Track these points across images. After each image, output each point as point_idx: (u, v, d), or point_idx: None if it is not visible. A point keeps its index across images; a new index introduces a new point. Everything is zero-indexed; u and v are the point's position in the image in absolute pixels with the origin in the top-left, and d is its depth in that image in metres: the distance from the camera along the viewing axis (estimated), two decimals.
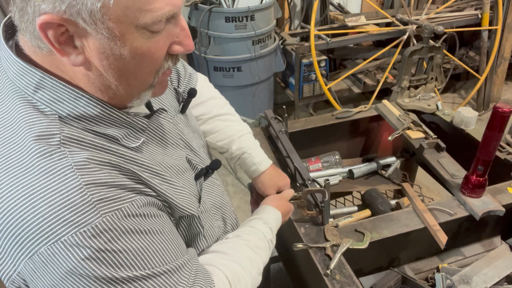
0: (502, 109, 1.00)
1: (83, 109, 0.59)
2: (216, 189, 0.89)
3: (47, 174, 0.53)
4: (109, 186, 0.56)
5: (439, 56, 1.64)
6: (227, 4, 2.72)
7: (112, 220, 0.55)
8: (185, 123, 0.87)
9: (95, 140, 0.59)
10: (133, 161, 0.62)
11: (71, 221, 0.52)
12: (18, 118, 0.57)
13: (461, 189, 1.17)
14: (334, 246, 1.03)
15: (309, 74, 3.02)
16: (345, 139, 1.69)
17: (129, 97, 0.64)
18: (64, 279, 0.55)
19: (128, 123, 0.64)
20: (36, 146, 0.54)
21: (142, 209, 0.60)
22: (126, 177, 0.60)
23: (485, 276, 1.10)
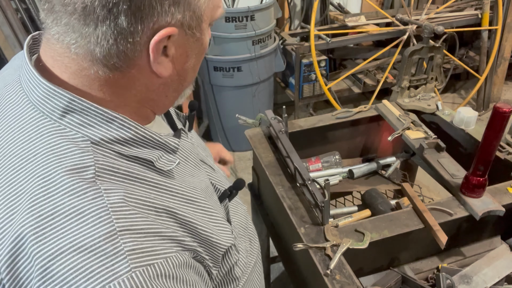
0: (502, 109, 0.99)
1: (116, 133, 0.53)
2: (240, 209, 0.81)
3: (79, 217, 0.45)
4: (145, 234, 0.48)
5: (439, 56, 1.64)
6: (227, 4, 2.72)
7: (142, 277, 0.46)
8: (196, 141, 0.82)
9: (129, 169, 0.52)
10: (166, 191, 0.56)
11: (99, 275, 0.44)
12: (44, 149, 0.49)
13: (461, 189, 1.17)
14: (334, 246, 1.03)
15: (309, 74, 3.02)
16: (345, 139, 1.69)
17: (178, 96, 0.63)
18: None
19: (160, 143, 0.58)
20: (68, 183, 0.47)
21: (178, 270, 0.50)
22: (161, 220, 0.52)
23: (485, 276, 1.10)
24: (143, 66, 0.53)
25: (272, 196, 1.37)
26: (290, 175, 1.32)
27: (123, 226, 0.46)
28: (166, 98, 0.60)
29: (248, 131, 1.55)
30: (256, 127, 1.56)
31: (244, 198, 1.51)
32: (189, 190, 0.60)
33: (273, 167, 1.34)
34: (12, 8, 2.27)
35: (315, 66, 2.86)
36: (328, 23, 3.35)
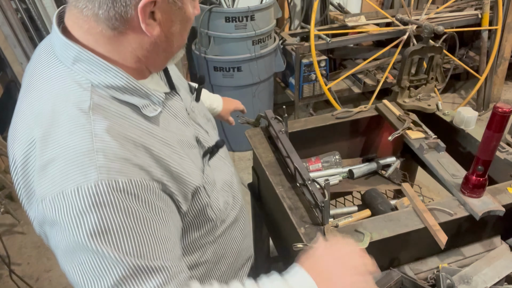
0: (502, 109, 0.99)
1: (112, 80, 0.69)
2: (225, 169, 0.97)
3: (70, 136, 0.63)
4: (115, 158, 0.63)
5: (439, 56, 1.64)
6: (227, 4, 2.72)
7: (106, 186, 0.61)
8: (199, 109, 0.99)
9: (119, 109, 0.69)
10: (148, 132, 0.71)
11: (74, 177, 0.61)
12: (57, 86, 0.68)
13: (461, 189, 1.17)
14: None
15: (309, 74, 3.02)
16: (345, 139, 1.69)
17: (170, 57, 0.78)
18: (56, 227, 0.63)
19: (148, 95, 0.74)
20: (69, 110, 0.65)
21: (141, 191, 0.65)
22: (137, 152, 0.67)
23: (485, 276, 1.10)
24: (136, 27, 0.68)
25: (272, 196, 1.37)
26: (290, 175, 1.32)
27: (100, 148, 0.62)
28: (158, 56, 0.75)
29: (248, 131, 1.55)
30: (256, 127, 1.56)
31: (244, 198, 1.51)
32: (169, 136, 0.75)
33: (273, 167, 1.34)
34: (12, 8, 2.27)
35: (315, 66, 2.86)
36: (328, 23, 3.35)
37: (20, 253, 2.44)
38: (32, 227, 0.73)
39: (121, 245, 0.61)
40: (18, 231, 2.59)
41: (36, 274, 2.31)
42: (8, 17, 2.22)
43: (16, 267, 2.33)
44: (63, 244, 0.63)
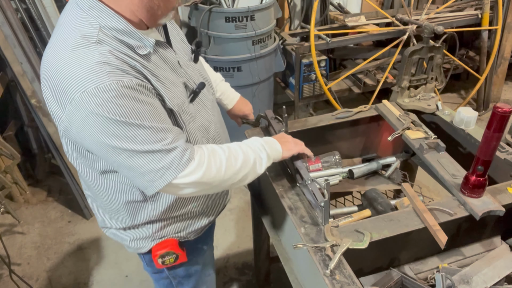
0: (502, 109, 1.00)
1: (114, 23, 0.92)
2: (204, 113, 1.15)
3: (84, 55, 0.87)
4: (118, 68, 0.88)
5: (439, 56, 1.64)
6: (227, 4, 2.72)
7: (116, 84, 0.86)
8: (195, 68, 1.19)
9: (118, 45, 0.92)
10: (140, 63, 0.93)
11: (92, 80, 0.85)
12: (75, 24, 0.92)
13: (461, 189, 1.17)
14: (334, 246, 1.03)
15: (309, 74, 3.02)
16: (345, 139, 1.69)
17: (162, 15, 0.97)
18: (87, 117, 0.87)
19: (141, 38, 0.95)
20: (80, 40, 0.89)
21: (138, 87, 0.90)
22: (132, 69, 0.91)
23: (485, 276, 1.10)
24: None
25: (272, 196, 1.37)
26: (290, 175, 1.32)
27: (106, 61, 0.87)
28: (148, 12, 0.95)
29: (248, 131, 1.55)
30: (256, 127, 1.56)
31: (244, 198, 1.50)
32: (157, 71, 0.98)
33: (273, 167, 1.34)
34: (12, 8, 2.27)
35: (315, 66, 2.86)
36: (328, 23, 3.35)
37: (20, 253, 2.44)
38: (32, 227, 0.75)
39: (139, 117, 0.89)
40: (18, 231, 2.59)
41: (36, 274, 2.31)
42: (8, 17, 2.22)
43: (16, 267, 2.33)
44: (100, 127, 0.88)
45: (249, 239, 2.44)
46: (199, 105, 1.14)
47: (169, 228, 1.20)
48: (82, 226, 2.62)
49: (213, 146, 1.05)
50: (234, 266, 2.32)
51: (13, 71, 2.28)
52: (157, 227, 1.19)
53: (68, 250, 2.46)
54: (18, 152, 2.44)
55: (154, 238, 1.20)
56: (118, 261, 2.36)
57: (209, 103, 1.20)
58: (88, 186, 1.17)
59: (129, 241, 1.22)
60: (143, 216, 1.15)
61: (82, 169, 1.08)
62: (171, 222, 1.20)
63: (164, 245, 1.19)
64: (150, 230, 1.19)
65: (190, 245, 1.27)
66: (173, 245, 1.19)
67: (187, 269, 1.31)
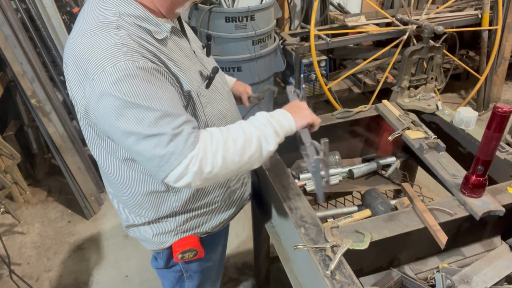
0: (502, 109, 1.00)
1: (133, 11, 0.97)
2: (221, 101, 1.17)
3: (104, 38, 0.92)
4: (135, 51, 0.92)
5: (439, 56, 1.64)
6: (227, 4, 2.72)
7: (132, 64, 0.90)
8: (208, 62, 1.22)
9: (136, 31, 0.96)
10: (157, 48, 0.98)
11: (110, 60, 0.89)
12: (97, 14, 0.97)
13: (461, 189, 1.17)
14: (334, 247, 1.03)
15: (309, 74, 3.02)
16: (345, 139, 1.69)
17: (179, 5, 1.02)
18: (101, 97, 0.91)
19: (158, 24, 1.00)
20: (101, 25, 0.94)
21: (153, 71, 0.93)
22: (149, 53, 0.95)
23: (485, 276, 1.10)
24: None
25: (272, 196, 1.37)
26: (290, 174, 1.32)
27: (124, 43, 0.92)
28: (165, 1, 1.00)
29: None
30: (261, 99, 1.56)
31: None
32: (172, 55, 1.02)
33: (273, 167, 1.34)
34: (12, 8, 2.27)
35: (315, 66, 2.86)
36: (328, 23, 3.35)
37: (20, 253, 2.44)
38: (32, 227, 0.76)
39: (148, 100, 0.91)
40: (18, 231, 2.59)
41: (36, 274, 2.31)
42: (8, 17, 2.22)
43: (16, 267, 2.33)
44: (111, 107, 0.91)
45: (249, 239, 2.44)
46: (215, 93, 1.15)
47: (192, 222, 1.21)
48: (82, 226, 2.62)
49: (211, 129, 1.02)
50: (234, 266, 2.32)
51: (13, 71, 2.28)
52: (181, 221, 1.20)
53: (68, 250, 2.46)
54: (18, 152, 2.44)
55: (178, 232, 1.21)
56: (118, 261, 2.36)
57: (225, 92, 1.22)
58: (109, 182, 1.19)
59: (152, 236, 1.22)
60: (166, 208, 1.16)
61: (104, 160, 1.10)
62: (193, 215, 1.21)
63: (186, 242, 1.21)
64: (174, 224, 1.20)
65: (208, 241, 1.29)
66: (194, 242, 1.21)
67: (201, 264, 1.33)
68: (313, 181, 1.09)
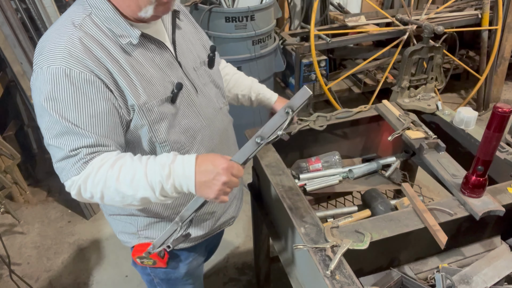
0: (502, 109, 1.00)
1: (105, 12, 0.97)
2: (193, 118, 1.11)
3: (58, 35, 0.95)
4: (75, 57, 0.92)
5: (439, 56, 1.64)
6: (227, 4, 2.72)
7: (62, 70, 0.90)
8: (206, 73, 1.19)
9: (98, 33, 0.96)
10: (113, 55, 0.96)
11: (49, 60, 0.92)
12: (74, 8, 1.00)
13: (461, 189, 1.17)
14: (334, 247, 1.03)
15: (309, 74, 3.02)
16: (345, 139, 1.69)
17: (138, 8, 0.96)
18: (33, 91, 0.96)
19: (127, 29, 0.98)
20: (65, 22, 0.97)
21: (84, 82, 0.92)
22: (93, 60, 0.93)
23: (485, 276, 1.10)
24: None
25: (272, 196, 1.37)
26: (290, 174, 1.32)
27: (68, 46, 0.92)
28: (123, 3, 0.96)
29: (248, 131, 1.55)
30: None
31: (244, 198, 1.51)
32: (131, 64, 0.99)
33: (273, 167, 1.34)
34: (12, 8, 2.27)
35: (315, 66, 2.86)
36: (328, 23, 3.35)
37: (20, 253, 2.44)
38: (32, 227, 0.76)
39: (62, 111, 0.91)
40: (18, 231, 2.59)
41: (36, 274, 2.31)
42: (8, 17, 2.22)
43: (16, 267, 2.33)
44: (36, 102, 0.95)
45: (249, 239, 2.44)
46: (188, 108, 1.10)
47: (153, 230, 1.19)
48: (82, 226, 2.62)
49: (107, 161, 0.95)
50: (234, 266, 2.32)
51: (13, 71, 2.28)
52: (141, 225, 1.19)
53: (68, 250, 2.46)
54: (18, 152, 2.44)
55: (139, 236, 1.21)
56: (118, 261, 2.36)
57: (206, 110, 1.15)
58: None
59: (118, 233, 1.25)
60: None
61: None
62: (155, 222, 1.18)
63: (144, 248, 1.15)
64: (135, 227, 1.19)
65: (173, 253, 1.24)
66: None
67: (167, 273, 1.31)
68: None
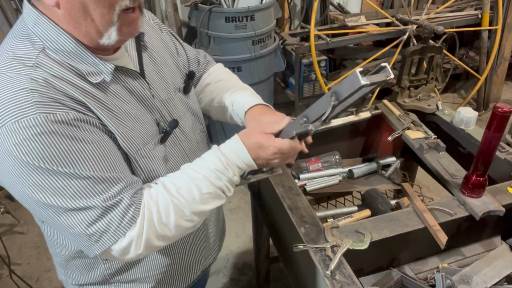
0: (502, 109, 1.00)
1: (62, 44, 0.75)
2: (175, 159, 0.97)
3: (11, 79, 0.71)
4: (50, 98, 0.71)
5: (439, 56, 1.64)
6: (227, 4, 2.71)
7: (45, 118, 0.69)
8: (182, 100, 1.02)
9: (64, 71, 0.75)
10: (90, 95, 0.77)
11: (13, 112, 0.68)
12: (14, 42, 0.77)
13: (461, 189, 1.17)
14: (334, 247, 1.03)
15: (309, 74, 3.02)
16: (345, 139, 1.69)
17: (98, 34, 0.76)
18: (4, 160, 0.70)
19: (96, 63, 0.79)
20: (11, 62, 0.73)
21: (76, 122, 0.73)
22: (71, 100, 0.73)
23: (485, 276, 1.10)
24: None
25: (272, 196, 1.37)
26: (290, 175, 1.32)
27: (35, 88, 0.70)
28: (75, 29, 0.76)
29: None
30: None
31: (244, 198, 1.51)
32: (112, 103, 0.80)
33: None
34: (12, 8, 2.27)
35: (315, 66, 2.86)
36: (328, 23, 3.35)
37: (20, 253, 2.44)
38: (32, 227, 0.75)
39: (69, 166, 0.71)
40: (18, 231, 2.59)
41: (36, 274, 2.31)
42: (8, 17, 2.22)
43: (16, 267, 2.33)
44: (18, 173, 0.71)
45: (249, 239, 2.44)
46: (175, 149, 0.97)
47: None
48: None
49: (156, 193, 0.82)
50: (234, 266, 2.32)
51: None
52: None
53: None
54: None
55: None
56: None
57: (188, 144, 1.01)
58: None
59: None
60: (95, 275, 0.99)
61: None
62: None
63: None
64: None
65: None
66: None
67: None
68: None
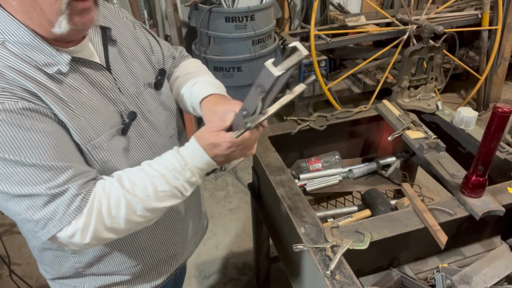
0: (502, 109, 1.00)
1: (21, 37, 0.76)
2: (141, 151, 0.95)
3: None
4: (3, 90, 0.71)
5: (439, 56, 1.64)
6: (227, 4, 2.71)
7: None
8: (154, 97, 1.01)
9: (20, 63, 0.75)
10: (43, 86, 0.77)
11: None
12: None
13: (461, 189, 1.17)
14: (334, 247, 1.03)
15: (309, 74, 3.02)
16: (345, 139, 1.69)
17: (49, 23, 0.76)
18: None
19: (53, 55, 0.79)
20: None
21: (25, 111, 0.73)
22: (23, 91, 0.74)
23: (485, 276, 1.10)
24: None
25: (272, 196, 1.37)
26: (290, 174, 1.32)
27: None
28: (29, 20, 0.76)
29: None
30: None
31: (244, 198, 1.51)
32: (68, 94, 0.80)
33: (273, 167, 1.34)
34: None
35: (315, 66, 2.86)
36: (328, 23, 3.35)
37: (20, 253, 2.44)
38: None
39: (15, 153, 0.71)
40: (18, 231, 2.59)
41: (36, 274, 2.31)
42: None
43: (16, 267, 2.33)
44: None
45: (249, 239, 2.44)
46: (140, 141, 0.95)
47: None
48: None
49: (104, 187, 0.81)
50: (234, 266, 2.32)
51: None
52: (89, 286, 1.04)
53: None
54: None
55: None
56: None
57: (158, 140, 1.00)
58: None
59: None
60: (67, 267, 1.00)
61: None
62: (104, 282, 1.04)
63: None
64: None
65: None
66: None
67: None
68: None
